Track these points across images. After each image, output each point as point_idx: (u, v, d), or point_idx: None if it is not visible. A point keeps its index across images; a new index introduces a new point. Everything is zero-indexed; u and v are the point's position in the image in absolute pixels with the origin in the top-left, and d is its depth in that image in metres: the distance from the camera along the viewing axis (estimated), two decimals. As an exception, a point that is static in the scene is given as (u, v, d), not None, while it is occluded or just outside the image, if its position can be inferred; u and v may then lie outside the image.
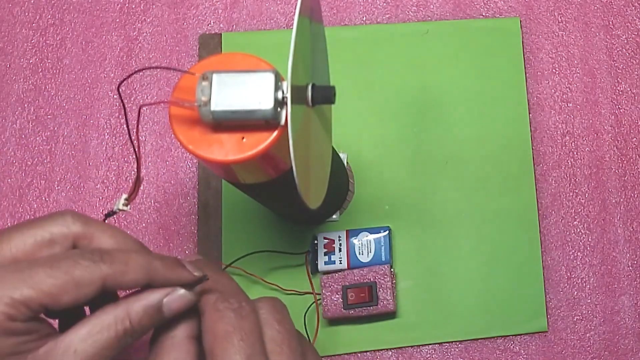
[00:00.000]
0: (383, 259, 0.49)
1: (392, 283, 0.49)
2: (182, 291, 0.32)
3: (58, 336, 0.30)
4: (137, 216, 0.52)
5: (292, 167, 0.30)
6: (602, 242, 0.53)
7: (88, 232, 0.33)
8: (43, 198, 0.52)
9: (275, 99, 0.30)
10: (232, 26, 0.55)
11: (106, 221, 0.36)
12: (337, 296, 0.48)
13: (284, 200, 0.43)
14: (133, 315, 0.31)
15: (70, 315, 0.33)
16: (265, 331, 0.32)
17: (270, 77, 0.30)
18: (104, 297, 0.32)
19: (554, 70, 0.55)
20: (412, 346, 0.50)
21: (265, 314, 0.33)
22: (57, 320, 0.34)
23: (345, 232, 0.50)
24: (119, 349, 0.31)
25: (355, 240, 0.50)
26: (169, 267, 0.32)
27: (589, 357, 0.51)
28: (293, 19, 0.38)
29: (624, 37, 0.56)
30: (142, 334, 0.32)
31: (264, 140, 0.31)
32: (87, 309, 0.34)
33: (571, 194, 0.54)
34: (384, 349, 0.50)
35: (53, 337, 0.30)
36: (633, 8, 0.57)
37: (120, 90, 0.55)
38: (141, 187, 0.50)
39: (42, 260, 0.30)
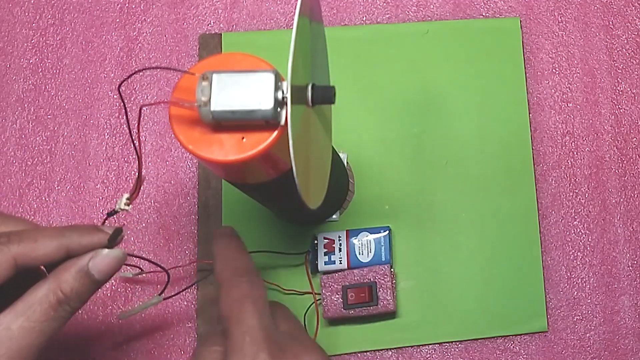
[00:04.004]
0: (383, 259, 0.49)
1: (392, 283, 0.49)
2: (105, 251, 0.33)
3: None
4: (137, 216, 0.52)
5: (292, 167, 0.30)
6: (602, 242, 0.53)
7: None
8: (43, 198, 0.52)
9: (275, 99, 0.30)
10: (232, 26, 0.55)
11: (106, 221, 0.36)
12: (337, 296, 0.48)
13: (284, 200, 0.43)
14: (63, 284, 0.32)
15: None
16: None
17: (270, 77, 0.30)
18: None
19: (554, 70, 0.55)
20: (412, 346, 0.50)
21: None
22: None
23: (345, 232, 0.50)
24: (60, 320, 0.33)
25: (355, 240, 0.50)
26: (83, 233, 0.33)
27: (589, 357, 0.51)
28: (293, 19, 0.38)
29: (624, 37, 0.56)
30: (81, 301, 0.33)
31: (264, 140, 0.31)
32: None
33: (571, 194, 0.54)
34: (384, 349, 0.50)
35: None
36: (633, 8, 0.57)
37: (120, 90, 0.55)
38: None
39: None
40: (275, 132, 0.31)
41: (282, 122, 0.31)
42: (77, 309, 0.34)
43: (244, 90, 0.30)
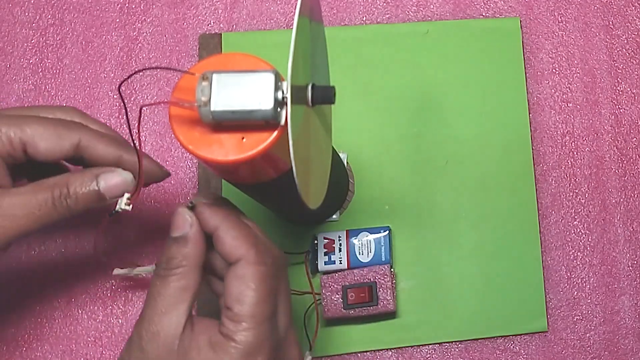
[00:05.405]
0: (383, 259, 0.49)
1: (392, 283, 0.49)
2: (119, 170, 0.37)
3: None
4: (138, 216, 0.52)
5: (292, 167, 0.30)
6: (602, 242, 0.53)
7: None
8: (43, 198, 0.52)
9: (275, 99, 0.30)
10: (232, 26, 0.55)
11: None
12: (337, 296, 0.48)
13: (284, 200, 0.43)
14: (71, 179, 0.36)
15: None
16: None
17: (270, 77, 0.30)
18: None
19: (554, 70, 0.55)
20: (412, 346, 0.50)
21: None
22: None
23: (345, 232, 0.50)
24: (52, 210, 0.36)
25: (355, 240, 0.50)
26: (134, 152, 0.38)
27: (589, 357, 0.51)
28: (293, 19, 0.38)
29: (624, 37, 0.56)
30: (77, 204, 0.36)
31: (264, 140, 0.31)
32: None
33: (571, 194, 0.54)
34: (384, 349, 0.50)
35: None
36: (633, 8, 0.57)
37: (120, 90, 0.55)
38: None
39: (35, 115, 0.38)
40: (275, 132, 0.31)
41: (282, 122, 0.31)
42: (72, 210, 0.36)
43: (244, 90, 0.30)
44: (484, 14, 0.56)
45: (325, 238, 0.50)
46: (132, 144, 0.37)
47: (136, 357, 0.34)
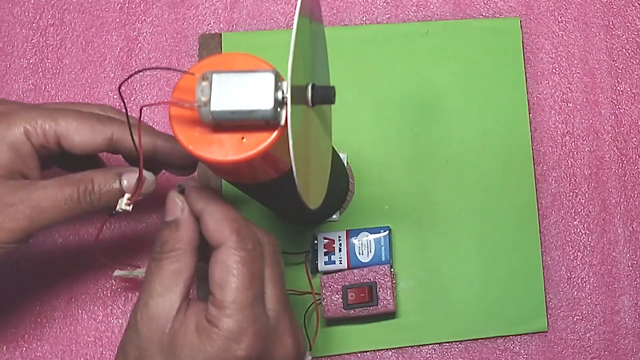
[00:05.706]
0: (383, 259, 0.49)
1: (392, 283, 0.49)
2: (146, 173, 0.37)
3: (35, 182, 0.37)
4: (138, 216, 0.52)
5: (292, 167, 0.30)
6: (602, 242, 0.53)
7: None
8: (43, 198, 0.52)
9: (275, 99, 0.30)
10: (232, 26, 0.55)
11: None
12: (337, 296, 0.48)
13: (284, 200, 0.43)
14: (96, 177, 0.37)
15: None
16: (265, 269, 0.37)
17: (270, 77, 0.30)
18: None
19: (554, 70, 0.55)
20: (412, 346, 0.50)
21: (266, 254, 0.37)
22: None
23: (345, 232, 0.50)
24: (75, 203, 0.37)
25: (355, 240, 0.50)
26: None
27: (589, 357, 0.51)
28: (293, 19, 0.38)
29: (624, 37, 0.56)
30: (100, 200, 0.37)
31: (264, 140, 0.31)
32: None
33: (571, 194, 0.54)
34: (384, 349, 0.50)
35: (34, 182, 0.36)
36: (633, 8, 0.57)
37: (120, 90, 0.55)
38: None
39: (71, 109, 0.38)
40: (275, 132, 0.31)
41: (282, 122, 0.31)
42: (95, 206, 0.37)
43: (243, 90, 0.30)
44: (484, 14, 0.56)
45: (325, 238, 0.50)
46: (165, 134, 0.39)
47: (132, 339, 0.35)
